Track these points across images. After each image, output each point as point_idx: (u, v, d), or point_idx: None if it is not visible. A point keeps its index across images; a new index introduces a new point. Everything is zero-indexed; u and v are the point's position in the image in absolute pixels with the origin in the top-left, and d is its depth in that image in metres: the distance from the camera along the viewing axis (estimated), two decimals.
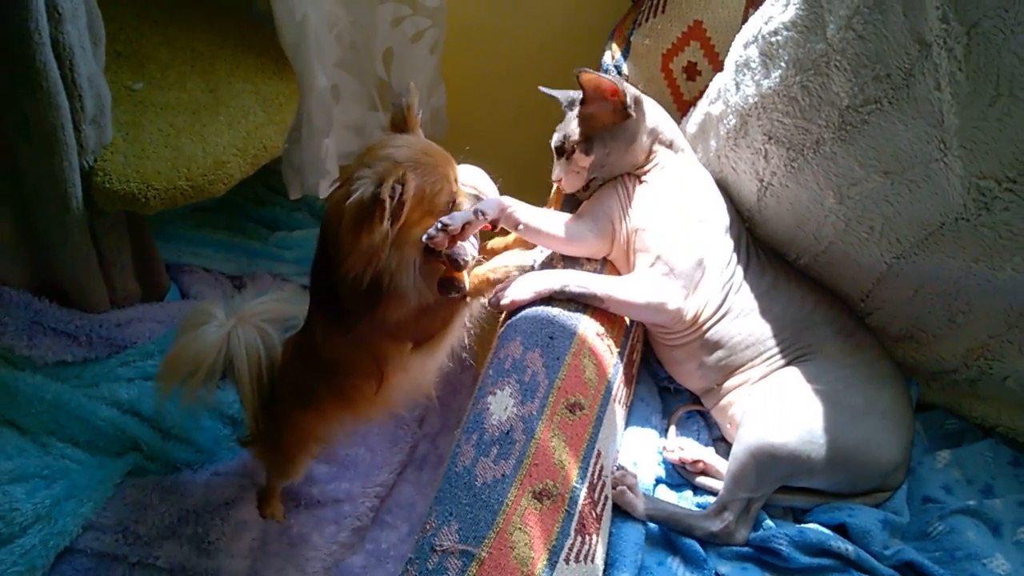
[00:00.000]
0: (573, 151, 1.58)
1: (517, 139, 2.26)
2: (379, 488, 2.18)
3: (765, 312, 1.55)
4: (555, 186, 1.68)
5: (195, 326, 1.73)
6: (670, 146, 1.60)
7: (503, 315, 1.53)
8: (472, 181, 1.54)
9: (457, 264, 1.39)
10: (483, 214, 1.42)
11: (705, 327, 1.55)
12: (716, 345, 1.55)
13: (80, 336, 2.13)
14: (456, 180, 1.43)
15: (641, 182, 1.59)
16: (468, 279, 1.45)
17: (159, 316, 2.25)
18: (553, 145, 1.63)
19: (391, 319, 1.45)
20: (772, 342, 1.54)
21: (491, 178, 1.60)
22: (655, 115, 1.60)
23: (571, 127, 1.59)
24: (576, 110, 1.60)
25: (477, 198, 1.45)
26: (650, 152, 1.59)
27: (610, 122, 1.56)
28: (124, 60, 2.12)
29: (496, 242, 1.65)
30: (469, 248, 1.40)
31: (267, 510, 2.06)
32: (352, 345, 1.54)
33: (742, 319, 1.54)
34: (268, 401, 1.76)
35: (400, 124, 1.45)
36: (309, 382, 1.68)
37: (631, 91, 1.55)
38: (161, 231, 2.39)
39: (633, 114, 1.55)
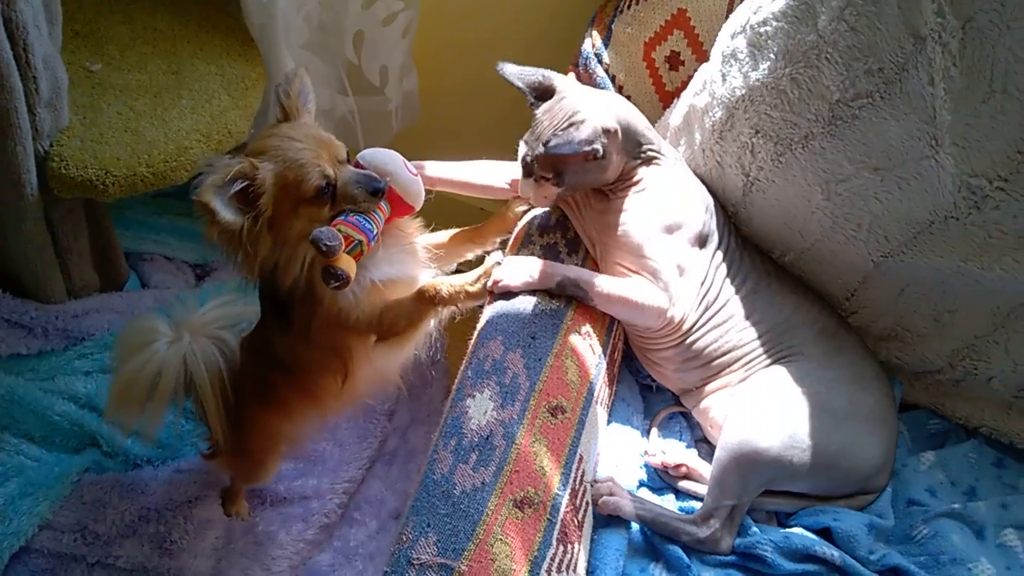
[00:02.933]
0: (542, 178, 1.47)
1: (492, 125, 2.21)
2: (347, 484, 2.15)
3: (744, 319, 1.52)
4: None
5: (141, 346, 1.64)
6: (648, 162, 1.51)
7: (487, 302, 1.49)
8: (379, 163, 1.45)
9: (320, 249, 1.30)
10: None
11: (684, 336, 1.52)
12: (695, 353, 1.53)
13: (35, 328, 2.07)
14: (334, 162, 1.38)
15: (616, 197, 1.52)
16: (353, 267, 1.36)
17: (118, 307, 2.18)
18: (520, 159, 1.50)
19: (334, 313, 1.41)
20: (751, 347, 1.52)
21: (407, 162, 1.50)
22: (636, 134, 1.50)
23: (539, 146, 1.45)
24: (543, 111, 1.48)
25: (372, 178, 1.39)
26: (625, 170, 1.51)
27: (582, 160, 1.45)
28: (82, 40, 2.05)
29: (436, 237, 1.59)
30: (329, 233, 1.31)
31: (232, 508, 2.02)
32: (311, 344, 1.51)
33: (720, 328, 1.52)
34: (231, 410, 1.71)
35: (284, 112, 1.42)
36: (270, 382, 1.64)
37: (602, 125, 1.43)
38: (121, 218, 2.32)
39: (606, 154, 1.45)
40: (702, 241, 1.51)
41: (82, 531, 1.89)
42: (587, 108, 1.44)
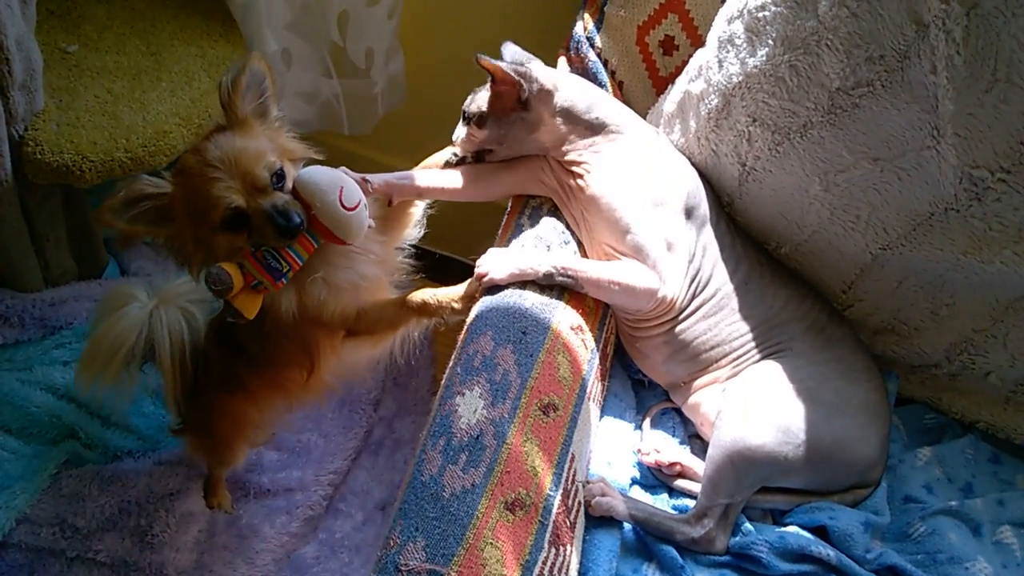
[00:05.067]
0: (470, 121, 1.52)
1: None
2: (332, 475, 2.13)
3: (734, 312, 1.49)
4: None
5: (115, 308, 1.66)
6: (600, 132, 1.48)
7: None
8: (309, 193, 1.35)
9: (210, 287, 1.27)
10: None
11: (674, 322, 1.48)
12: (684, 344, 1.49)
13: (11, 317, 2.04)
14: (250, 191, 1.32)
15: (577, 175, 1.49)
16: (253, 305, 1.33)
17: (97, 294, 2.15)
18: (463, 107, 1.55)
19: (292, 312, 1.40)
20: (741, 342, 1.49)
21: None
22: (577, 100, 1.49)
23: (480, 97, 1.52)
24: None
25: (288, 216, 1.31)
26: (570, 139, 1.49)
27: (511, 107, 1.47)
28: (57, 20, 2.00)
29: None
30: (219, 275, 1.26)
31: (214, 500, 2.00)
32: (278, 337, 1.49)
33: (711, 320, 1.49)
34: (193, 386, 1.71)
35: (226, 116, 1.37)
36: (236, 370, 1.64)
37: (541, 80, 1.46)
38: (99, 203, 2.24)
39: (531, 107, 1.47)
40: (688, 212, 1.48)
41: (61, 525, 1.87)
42: (537, 66, 1.51)
